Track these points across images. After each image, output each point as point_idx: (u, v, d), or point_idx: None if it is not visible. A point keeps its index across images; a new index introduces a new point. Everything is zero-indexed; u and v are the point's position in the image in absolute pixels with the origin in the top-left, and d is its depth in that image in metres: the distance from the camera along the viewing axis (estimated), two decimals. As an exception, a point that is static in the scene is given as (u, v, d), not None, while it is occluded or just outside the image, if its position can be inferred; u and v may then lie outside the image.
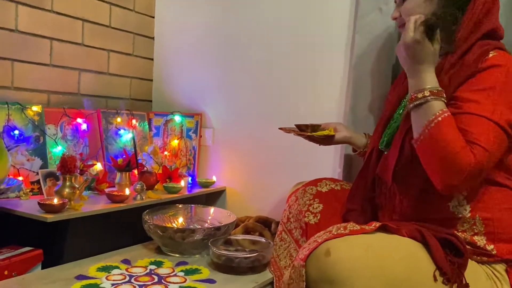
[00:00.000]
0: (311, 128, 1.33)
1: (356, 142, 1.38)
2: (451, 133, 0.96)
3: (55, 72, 1.76)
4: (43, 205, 1.33)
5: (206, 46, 2.03)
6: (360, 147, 1.38)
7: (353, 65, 1.55)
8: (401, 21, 1.17)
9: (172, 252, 1.46)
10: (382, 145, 1.20)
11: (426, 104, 1.00)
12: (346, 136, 1.37)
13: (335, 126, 1.36)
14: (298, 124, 1.35)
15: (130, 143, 1.89)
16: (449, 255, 0.98)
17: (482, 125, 0.97)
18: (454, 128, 0.97)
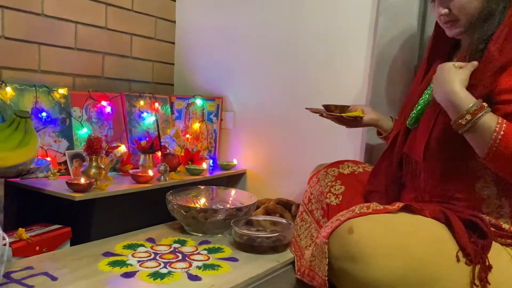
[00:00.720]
0: (340, 109, 1.31)
1: (383, 125, 1.38)
2: None
3: (79, 55, 1.80)
4: (71, 184, 1.37)
5: (228, 30, 2.04)
6: (387, 130, 1.38)
7: (376, 46, 1.53)
8: (452, 17, 1.12)
9: (195, 231, 1.49)
10: (411, 122, 1.19)
11: (478, 123, 0.95)
12: (374, 118, 1.37)
13: (362, 108, 1.35)
14: (326, 105, 1.33)
15: (153, 125, 1.92)
16: (473, 237, 0.98)
17: None
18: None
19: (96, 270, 1.16)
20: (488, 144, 0.94)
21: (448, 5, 1.10)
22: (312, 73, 1.81)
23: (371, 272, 0.91)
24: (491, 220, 1.03)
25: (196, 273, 1.15)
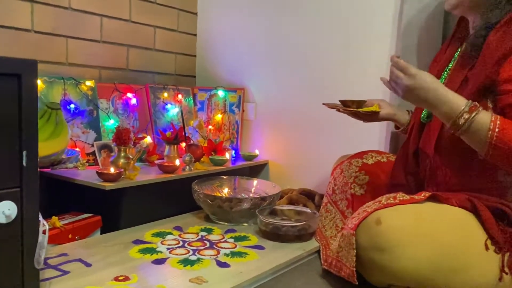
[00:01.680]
0: (356, 104, 1.32)
1: (400, 119, 1.37)
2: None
3: (105, 48, 1.83)
4: (101, 174, 1.41)
5: (249, 22, 2.05)
6: (404, 124, 1.37)
7: (401, 35, 1.52)
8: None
9: (221, 220, 1.52)
10: (424, 117, 1.20)
11: (472, 124, 0.97)
12: (390, 113, 1.36)
13: (378, 103, 1.35)
14: (342, 100, 1.34)
15: (177, 117, 1.95)
16: (501, 225, 0.98)
17: None
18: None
19: (128, 256, 1.20)
20: (486, 142, 0.95)
21: None
22: (333, 64, 1.81)
23: (399, 262, 0.93)
24: (518, 207, 1.03)
25: (224, 260, 1.18)
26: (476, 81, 1.03)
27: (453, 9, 1.16)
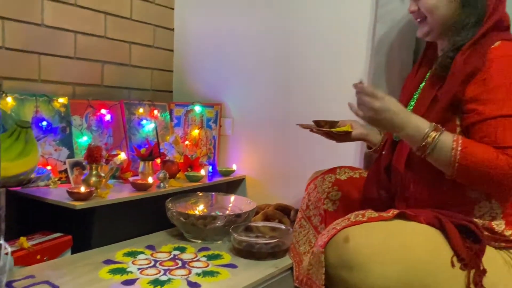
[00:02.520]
0: (329, 125, 1.33)
1: (372, 139, 1.38)
2: (479, 154, 0.96)
3: (79, 64, 1.81)
4: (71, 193, 1.39)
5: (226, 37, 2.06)
6: (376, 144, 1.38)
7: (374, 53, 1.55)
8: (420, 16, 1.17)
9: (195, 238, 1.51)
10: (396, 136, 1.22)
11: (437, 145, 1.00)
12: (363, 133, 1.37)
13: (351, 123, 1.36)
14: (316, 120, 1.36)
15: (152, 133, 1.94)
16: (467, 242, 1.00)
17: (501, 126, 0.97)
18: (477, 146, 0.98)
19: (97, 278, 1.18)
20: (450, 162, 0.98)
21: (417, 3, 1.16)
22: (309, 80, 1.83)
23: (368, 280, 0.93)
24: (485, 223, 1.04)
25: (195, 280, 1.17)
26: (444, 99, 1.06)
27: (425, 36, 1.20)
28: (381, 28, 1.53)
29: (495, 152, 0.96)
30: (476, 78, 1.02)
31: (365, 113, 1.05)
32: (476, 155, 0.97)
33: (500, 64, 1.01)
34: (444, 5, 1.11)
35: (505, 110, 0.98)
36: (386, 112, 1.02)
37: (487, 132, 0.98)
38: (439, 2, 1.11)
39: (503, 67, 1.01)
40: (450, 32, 1.13)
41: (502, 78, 1.00)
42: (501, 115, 0.98)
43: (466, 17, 1.09)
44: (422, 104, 1.15)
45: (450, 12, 1.11)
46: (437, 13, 1.12)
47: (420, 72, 1.26)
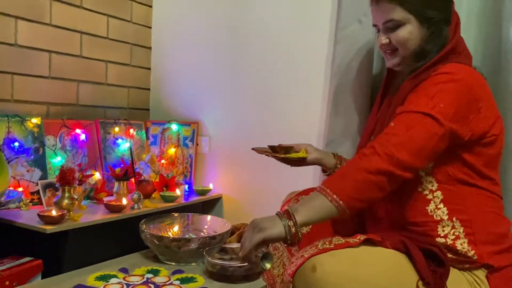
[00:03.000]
0: (284, 150, 1.35)
1: (326, 163, 1.40)
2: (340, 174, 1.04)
3: (54, 84, 1.80)
4: (42, 216, 1.37)
5: (202, 56, 2.08)
6: (331, 168, 1.39)
7: (333, 75, 1.59)
8: (391, 48, 1.19)
9: (169, 260, 1.50)
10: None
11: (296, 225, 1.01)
12: (317, 157, 1.38)
13: (305, 147, 1.38)
14: (271, 146, 1.38)
15: (127, 152, 1.93)
16: (432, 265, 1.01)
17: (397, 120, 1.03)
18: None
19: (67, 304, 1.16)
20: (334, 207, 1.00)
21: (389, 36, 1.18)
22: (280, 100, 1.89)
23: (336, 309, 0.94)
24: (448, 243, 1.07)
25: (167, 306, 1.16)
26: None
27: (396, 67, 1.23)
28: (340, 50, 1.57)
29: (360, 155, 1.02)
30: (416, 89, 1.08)
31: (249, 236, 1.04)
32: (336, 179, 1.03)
33: (439, 77, 1.05)
34: (415, 37, 1.15)
35: (420, 107, 1.02)
36: (265, 220, 1.04)
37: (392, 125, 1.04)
38: (411, 35, 1.15)
39: (440, 79, 1.05)
40: (415, 58, 1.16)
41: (432, 86, 1.04)
42: (410, 110, 1.02)
43: (431, 45, 1.13)
44: (382, 127, 1.18)
45: (420, 43, 1.15)
46: (409, 44, 1.16)
47: (386, 101, 1.30)
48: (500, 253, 1.08)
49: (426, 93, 1.04)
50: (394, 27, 1.16)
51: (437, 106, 1.01)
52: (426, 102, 1.02)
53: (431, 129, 1.01)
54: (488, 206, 1.09)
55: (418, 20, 1.14)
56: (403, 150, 0.99)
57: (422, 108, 1.02)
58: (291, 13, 1.83)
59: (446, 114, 1.01)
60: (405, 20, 1.15)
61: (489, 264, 1.06)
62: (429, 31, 1.14)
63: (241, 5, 1.96)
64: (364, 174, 1.00)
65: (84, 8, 1.89)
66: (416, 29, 1.15)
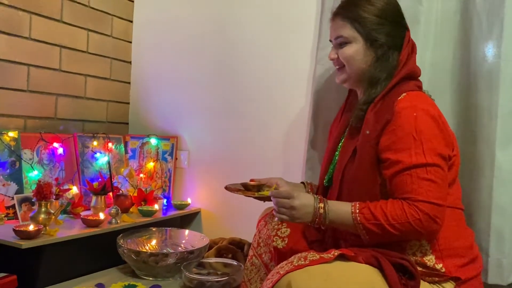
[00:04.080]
0: (257, 187, 1.38)
1: None
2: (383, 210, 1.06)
3: (31, 97, 1.80)
4: (18, 231, 1.36)
5: (182, 71, 2.10)
6: None
7: (313, 92, 1.64)
8: (339, 64, 1.26)
9: (146, 275, 1.50)
10: (326, 180, 1.29)
11: (331, 212, 1.10)
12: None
13: (276, 182, 1.41)
14: (244, 183, 1.41)
15: (106, 166, 1.93)
16: (403, 279, 1.05)
17: (413, 179, 1.06)
18: (377, 205, 1.07)
19: (41, 321, 1.15)
20: (353, 225, 1.08)
21: (338, 51, 1.24)
22: (261, 117, 1.91)
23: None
24: (418, 259, 1.11)
25: (143, 321, 1.17)
26: (364, 154, 1.15)
27: (343, 83, 1.29)
28: (320, 69, 1.62)
29: (400, 203, 1.05)
30: (387, 129, 1.12)
31: (287, 214, 1.12)
32: (377, 211, 1.06)
33: (405, 115, 1.10)
34: (360, 58, 1.21)
35: (414, 159, 1.06)
36: (305, 208, 1.11)
37: (401, 185, 1.07)
38: (356, 54, 1.21)
39: (408, 117, 1.10)
40: (365, 83, 1.22)
41: (407, 127, 1.09)
42: (413, 165, 1.06)
43: (379, 71, 1.19)
44: (344, 157, 1.23)
45: (366, 65, 1.21)
46: (354, 63, 1.22)
47: (343, 120, 1.35)
48: (466, 265, 1.13)
49: (413, 138, 1.08)
50: (342, 43, 1.22)
51: (428, 152, 1.07)
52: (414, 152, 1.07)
53: (441, 172, 1.08)
54: (452, 221, 1.14)
55: (364, 40, 1.20)
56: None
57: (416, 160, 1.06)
58: (274, 32, 1.87)
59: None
60: (352, 39, 1.21)
61: (457, 277, 1.11)
62: (376, 54, 1.20)
63: (222, 22, 1.99)
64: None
65: (64, 22, 1.89)
66: (362, 49, 1.20)
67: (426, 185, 1.05)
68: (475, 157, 1.42)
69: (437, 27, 1.51)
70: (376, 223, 1.05)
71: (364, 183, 1.15)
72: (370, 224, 1.06)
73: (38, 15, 1.79)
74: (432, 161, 1.06)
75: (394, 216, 1.04)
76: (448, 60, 1.50)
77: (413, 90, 1.16)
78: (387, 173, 1.10)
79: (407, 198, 1.05)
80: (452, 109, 1.49)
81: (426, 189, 1.04)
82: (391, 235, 1.05)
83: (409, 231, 1.04)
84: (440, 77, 1.50)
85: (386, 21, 1.20)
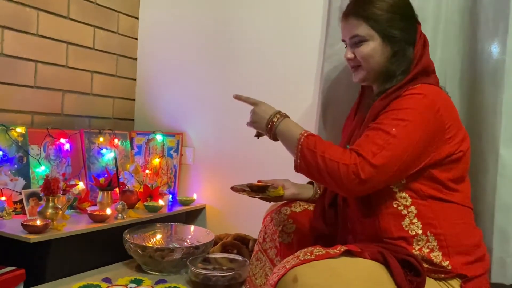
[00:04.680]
0: (262, 188, 1.38)
1: (304, 196, 1.44)
2: (324, 144, 1.09)
3: (39, 93, 1.81)
4: (26, 226, 1.37)
5: (188, 68, 2.11)
6: (310, 198, 1.44)
7: (322, 90, 1.64)
8: (356, 63, 1.25)
9: (152, 270, 1.51)
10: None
11: (282, 125, 1.20)
12: (294, 193, 1.42)
13: (283, 183, 1.42)
14: (250, 184, 1.42)
15: (112, 162, 1.94)
16: (409, 275, 1.05)
17: (369, 138, 1.07)
18: (324, 141, 1.11)
19: (50, 314, 1.17)
20: (295, 146, 1.13)
21: (354, 51, 1.24)
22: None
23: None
24: (424, 255, 1.11)
25: (150, 315, 1.18)
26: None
27: (362, 81, 1.29)
28: (328, 66, 1.62)
29: (346, 149, 1.08)
30: (386, 108, 1.13)
31: (250, 118, 1.28)
32: (320, 143, 1.10)
33: (410, 98, 1.11)
34: (378, 55, 1.21)
35: (382, 125, 1.08)
36: (263, 113, 1.24)
37: (359, 140, 1.09)
38: (374, 52, 1.21)
39: (410, 99, 1.10)
40: (382, 78, 1.23)
41: (405, 104, 1.10)
42: (378, 129, 1.07)
43: (396, 66, 1.19)
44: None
45: (383, 61, 1.21)
46: (372, 61, 1.22)
47: (358, 117, 1.35)
48: (473, 263, 1.13)
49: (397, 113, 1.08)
50: (358, 42, 1.22)
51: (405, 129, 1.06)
52: (396, 124, 1.07)
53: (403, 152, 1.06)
54: (460, 218, 1.14)
55: (381, 37, 1.20)
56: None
57: (390, 129, 1.06)
58: (281, 29, 1.87)
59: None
60: (369, 37, 1.21)
61: (463, 274, 1.11)
62: (392, 50, 1.20)
63: (229, 18, 2.00)
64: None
65: (70, 18, 1.90)
66: (379, 46, 1.20)
67: (374, 147, 1.04)
68: (480, 154, 1.42)
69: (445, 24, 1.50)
70: (312, 150, 1.09)
71: None
72: (306, 150, 1.10)
73: (46, 11, 1.80)
74: (399, 135, 1.05)
75: (330, 152, 1.06)
76: (454, 59, 1.49)
77: (428, 83, 1.16)
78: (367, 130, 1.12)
79: (353, 149, 1.06)
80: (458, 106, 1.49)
81: (371, 150, 1.04)
82: (318, 169, 1.07)
83: (332, 172, 1.05)
84: (447, 75, 1.50)
85: (399, 16, 1.20)
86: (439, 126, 1.10)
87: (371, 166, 1.03)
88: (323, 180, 1.09)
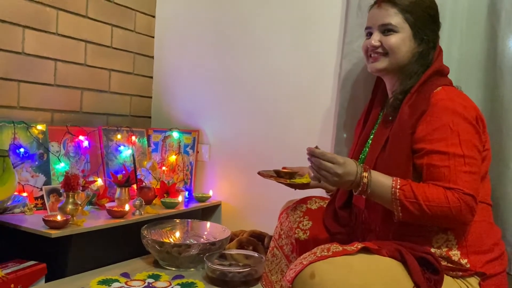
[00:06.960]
0: (289, 175, 1.39)
1: (328, 187, 1.46)
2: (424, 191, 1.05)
3: (58, 91, 1.84)
4: (47, 221, 1.40)
5: (204, 65, 2.12)
6: (332, 190, 1.46)
7: (340, 88, 1.64)
8: (380, 51, 1.24)
9: (169, 265, 1.53)
10: None
11: (373, 181, 1.09)
12: (319, 183, 1.43)
13: (308, 171, 1.40)
14: (276, 170, 1.42)
15: (129, 159, 1.97)
16: (426, 273, 1.05)
17: (453, 168, 1.06)
18: (420, 186, 1.07)
19: (71, 307, 1.19)
20: (391, 199, 1.07)
21: (382, 38, 1.23)
22: (282, 109, 1.91)
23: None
24: (442, 253, 1.11)
25: (168, 310, 1.20)
26: (396, 142, 1.15)
27: (379, 72, 1.28)
28: (347, 64, 1.62)
29: (442, 189, 1.05)
30: (422, 119, 1.13)
31: (329, 178, 1.10)
32: (418, 191, 1.05)
33: (441, 106, 1.11)
34: (405, 48, 1.21)
35: (451, 149, 1.07)
36: (346, 176, 1.09)
37: (439, 175, 1.07)
38: (402, 44, 1.21)
39: (445, 108, 1.11)
40: (402, 74, 1.23)
41: (444, 118, 1.10)
42: (446, 152, 1.07)
43: (418, 65, 1.20)
44: (377, 145, 1.24)
45: (408, 56, 1.21)
46: (398, 52, 1.21)
47: (373, 114, 1.35)
48: (492, 261, 1.13)
49: (449, 129, 1.08)
50: (388, 31, 1.22)
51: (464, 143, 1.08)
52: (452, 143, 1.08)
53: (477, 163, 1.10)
54: (480, 216, 1.13)
55: (412, 33, 1.21)
56: None
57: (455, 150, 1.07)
58: (298, 26, 1.86)
59: None
60: (400, 29, 1.21)
61: (482, 272, 1.11)
62: (418, 49, 1.21)
63: (245, 17, 2.00)
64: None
65: (89, 17, 1.93)
66: (407, 40, 1.21)
67: (465, 177, 1.05)
68: (500, 151, 1.41)
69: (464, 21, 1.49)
70: (414, 201, 1.05)
71: (396, 172, 1.13)
72: (407, 202, 1.05)
73: (65, 11, 1.83)
74: (468, 153, 1.07)
75: (436, 199, 1.04)
76: (474, 55, 1.48)
77: (447, 85, 1.17)
78: (422, 162, 1.10)
79: (448, 187, 1.05)
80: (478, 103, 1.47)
81: (465, 180, 1.05)
82: (425, 216, 1.05)
83: (445, 217, 1.04)
84: (466, 71, 1.49)
85: (432, 18, 1.23)
86: (476, 126, 1.12)
87: (473, 197, 1.05)
88: (431, 222, 1.09)
